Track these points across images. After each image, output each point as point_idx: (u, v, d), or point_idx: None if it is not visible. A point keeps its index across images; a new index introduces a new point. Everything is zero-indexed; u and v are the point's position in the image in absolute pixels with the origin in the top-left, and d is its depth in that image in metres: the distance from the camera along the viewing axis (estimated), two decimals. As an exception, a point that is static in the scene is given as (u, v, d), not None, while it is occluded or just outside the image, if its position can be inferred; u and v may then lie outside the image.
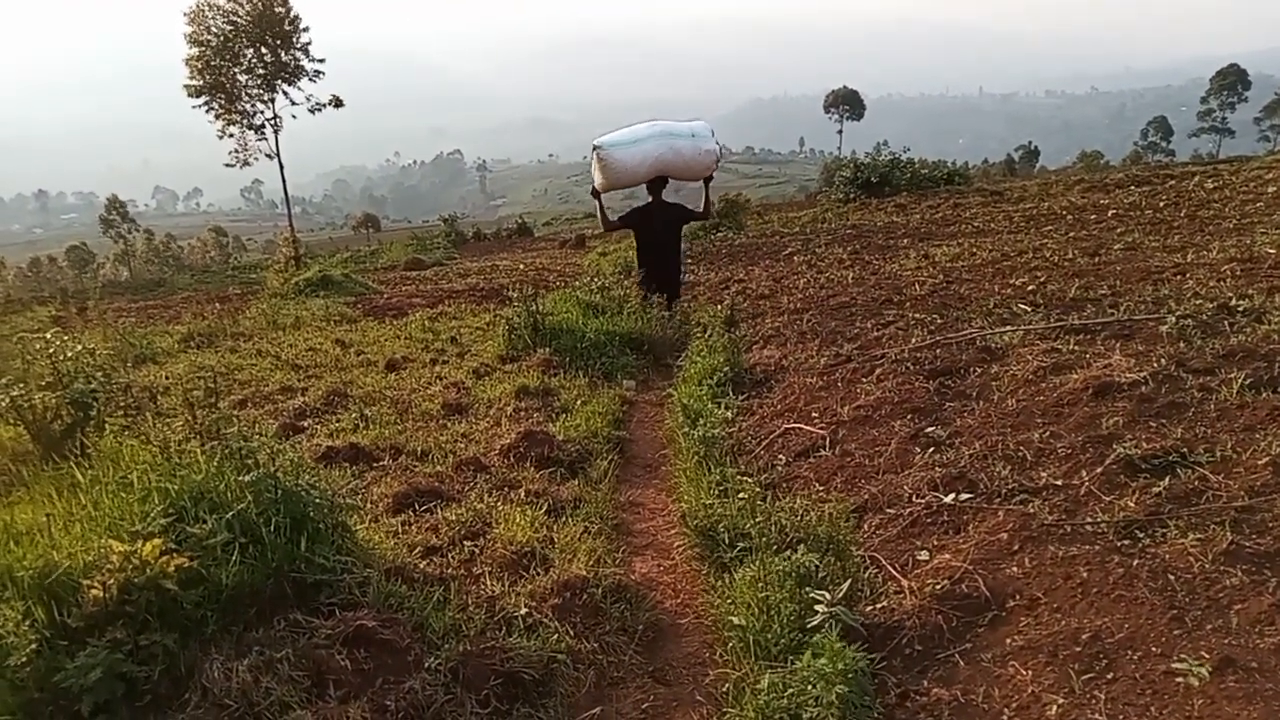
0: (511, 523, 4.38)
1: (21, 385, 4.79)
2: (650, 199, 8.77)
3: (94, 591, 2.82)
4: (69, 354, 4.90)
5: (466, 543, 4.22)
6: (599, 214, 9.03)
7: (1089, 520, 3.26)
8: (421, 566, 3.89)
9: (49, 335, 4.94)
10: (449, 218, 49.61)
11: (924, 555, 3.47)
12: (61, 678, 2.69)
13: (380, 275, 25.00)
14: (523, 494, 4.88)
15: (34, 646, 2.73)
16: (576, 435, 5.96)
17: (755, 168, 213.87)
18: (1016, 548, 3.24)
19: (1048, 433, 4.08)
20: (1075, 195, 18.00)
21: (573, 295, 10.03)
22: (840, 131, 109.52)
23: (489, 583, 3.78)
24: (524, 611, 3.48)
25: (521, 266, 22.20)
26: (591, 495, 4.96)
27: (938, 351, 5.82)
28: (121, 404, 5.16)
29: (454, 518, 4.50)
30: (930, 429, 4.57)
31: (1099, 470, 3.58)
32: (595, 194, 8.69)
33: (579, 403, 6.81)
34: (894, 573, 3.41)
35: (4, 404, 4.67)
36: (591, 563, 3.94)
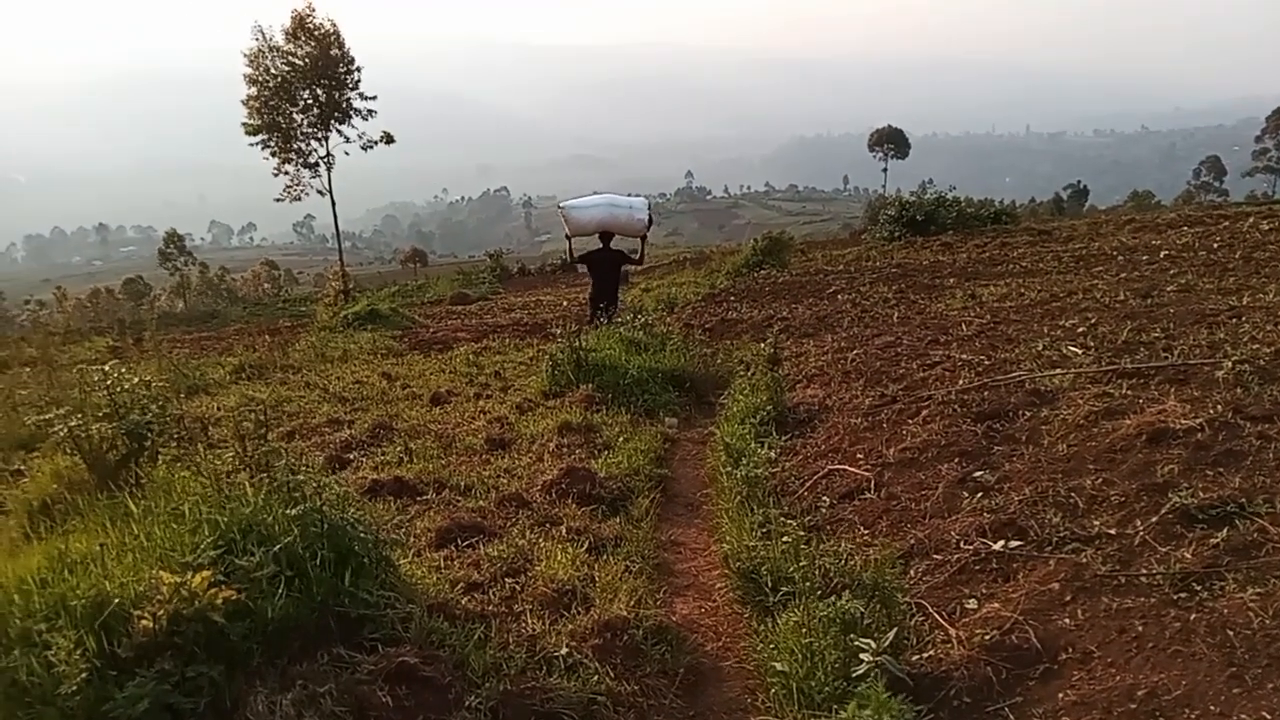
0: (553, 560, 4.38)
1: (79, 415, 4.91)
2: (601, 245, 11.67)
3: (144, 622, 2.86)
4: (126, 385, 5.01)
5: (508, 579, 4.22)
6: (569, 249, 12.22)
7: (1144, 572, 3.17)
8: (463, 603, 3.90)
9: (107, 367, 5.06)
10: (494, 253, 50.25)
11: (972, 604, 3.40)
12: (110, 708, 2.72)
13: (427, 309, 25.38)
14: (564, 531, 4.88)
15: (84, 676, 2.77)
16: (618, 472, 5.96)
17: (799, 205, 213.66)
18: (1069, 599, 3.16)
19: (1100, 479, 3.99)
20: (1126, 235, 17.71)
21: (615, 332, 10.08)
22: (885, 169, 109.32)
23: (530, 621, 3.77)
24: (564, 651, 3.47)
25: (564, 302, 22.36)
26: (633, 533, 4.95)
27: (985, 394, 5.73)
28: (174, 435, 5.26)
29: (496, 554, 4.52)
30: (978, 473, 4.50)
31: (1154, 520, 3.49)
32: (567, 236, 11.89)
33: (621, 439, 6.81)
34: (941, 621, 3.34)
35: (62, 434, 4.79)
36: (633, 603, 3.92)
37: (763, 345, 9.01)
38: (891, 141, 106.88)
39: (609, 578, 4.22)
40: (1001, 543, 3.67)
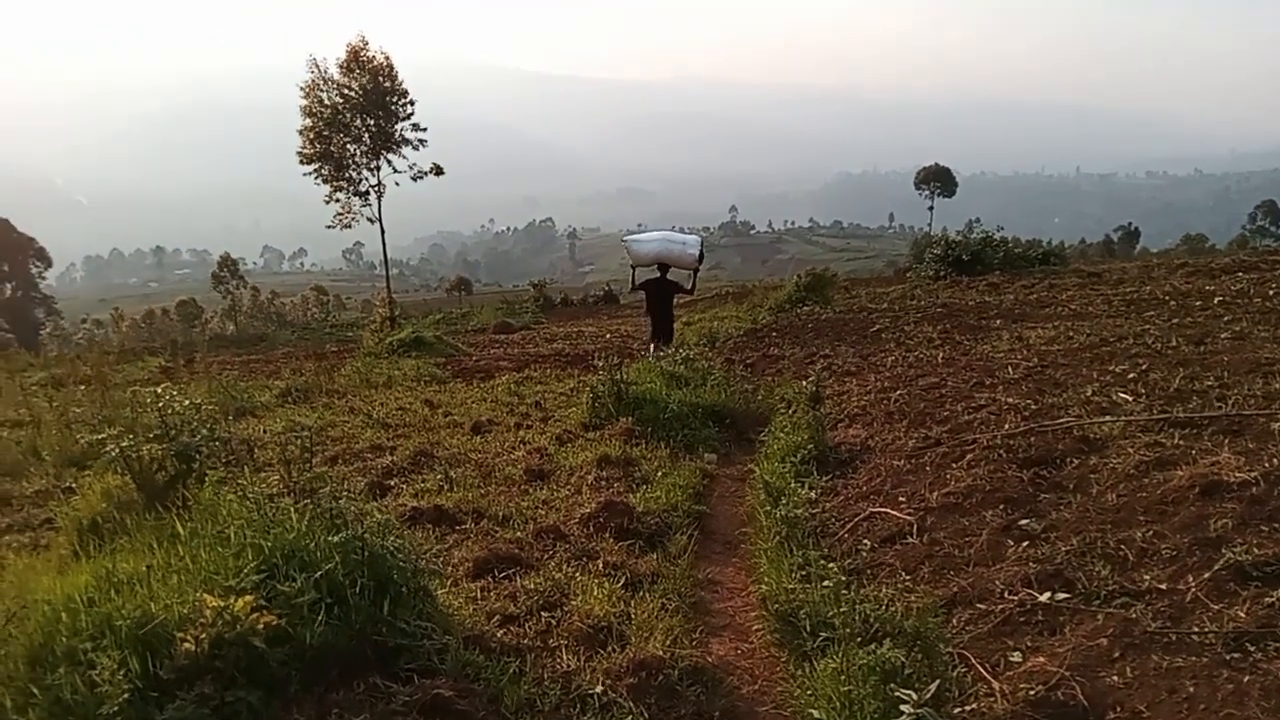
0: (589, 595, 4.36)
1: (130, 436, 5.02)
2: (659, 274, 12.77)
3: (186, 645, 2.90)
4: (177, 407, 5.11)
5: (544, 613, 4.22)
6: (631, 276, 13.41)
7: (1196, 630, 3.08)
8: (499, 635, 3.90)
9: (159, 389, 5.18)
10: (538, 283, 50.70)
11: (1017, 656, 3.32)
12: (150, 729, 2.76)
13: (470, 337, 25.62)
14: (601, 565, 4.87)
15: (126, 696, 2.82)
16: (656, 507, 5.93)
17: (843, 241, 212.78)
18: (1117, 655, 3.08)
19: (1150, 532, 3.89)
20: (1178, 280, 17.37)
21: (657, 365, 10.10)
22: (931, 208, 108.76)
23: (565, 657, 3.75)
24: (599, 690, 3.45)
25: (608, 335, 22.45)
26: (670, 571, 4.91)
27: (1032, 439, 5.63)
28: (221, 457, 5.36)
29: (532, 586, 4.52)
30: (1024, 521, 4.41)
31: (1206, 575, 3.39)
32: (631, 266, 13.08)
33: (660, 474, 6.79)
34: (984, 674, 3.26)
35: (114, 454, 4.90)
36: (669, 642, 3.89)
37: (805, 383, 8.95)
38: (938, 180, 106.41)
39: (645, 615, 4.19)
40: (1048, 594, 3.58)
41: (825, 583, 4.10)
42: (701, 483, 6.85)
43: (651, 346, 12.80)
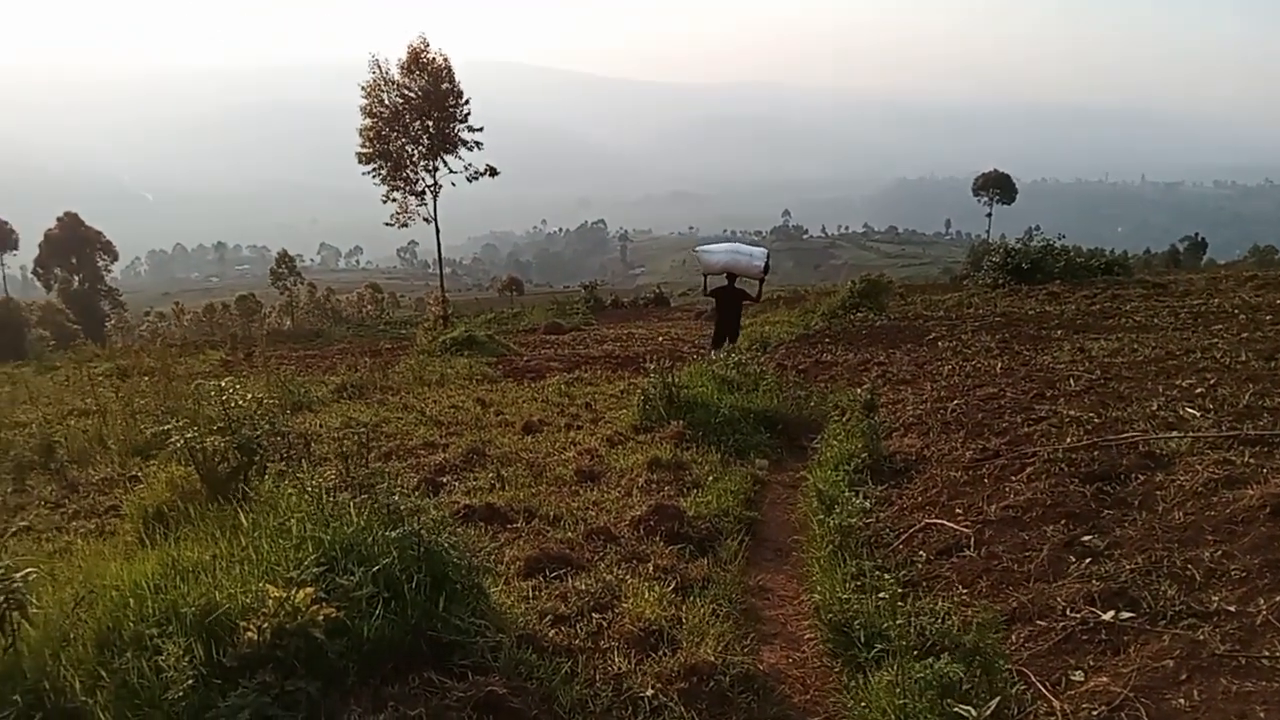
0: (640, 598, 4.36)
1: (194, 428, 5.15)
2: (726, 281, 13.61)
3: (249, 634, 2.96)
4: (240, 401, 5.23)
5: (595, 614, 4.23)
6: (704, 283, 14.56)
7: (1266, 654, 2.98)
8: (550, 635, 3.92)
9: (224, 383, 5.30)
10: (589, 284, 50.95)
11: (1079, 676, 3.25)
12: (213, 715, 2.82)
13: (521, 337, 25.82)
14: (651, 569, 4.87)
15: (190, 682, 2.88)
16: (707, 512, 5.91)
17: (898, 248, 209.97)
18: (1184, 677, 2.99)
19: (1219, 552, 3.78)
20: (1247, 292, 16.85)
21: (708, 369, 10.07)
22: (989, 214, 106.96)
23: (616, 659, 3.76)
24: (650, 693, 3.44)
25: (660, 338, 22.46)
26: (720, 576, 4.89)
27: (1095, 453, 5.50)
28: (280, 451, 5.47)
29: (583, 587, 4.53)
30: (1087, 537, 4.31)
31: (1278, 598, 3.28)
32: (703, 274, 14.16)
33: (710, 479, 6.77)
34: (1045, 692, 3.19)
35: (179, 445, 5.03)
36: (720, 648, 3.87)
37: (859, 390, 8.86)
38: (997, 186, 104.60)
39: (696, 620, 4.18)
40: (1111, 613, 3.50)
41: (880, 594, 4.05)
42: (753, 489, 6.82)
43: (714, 349, 13.31)
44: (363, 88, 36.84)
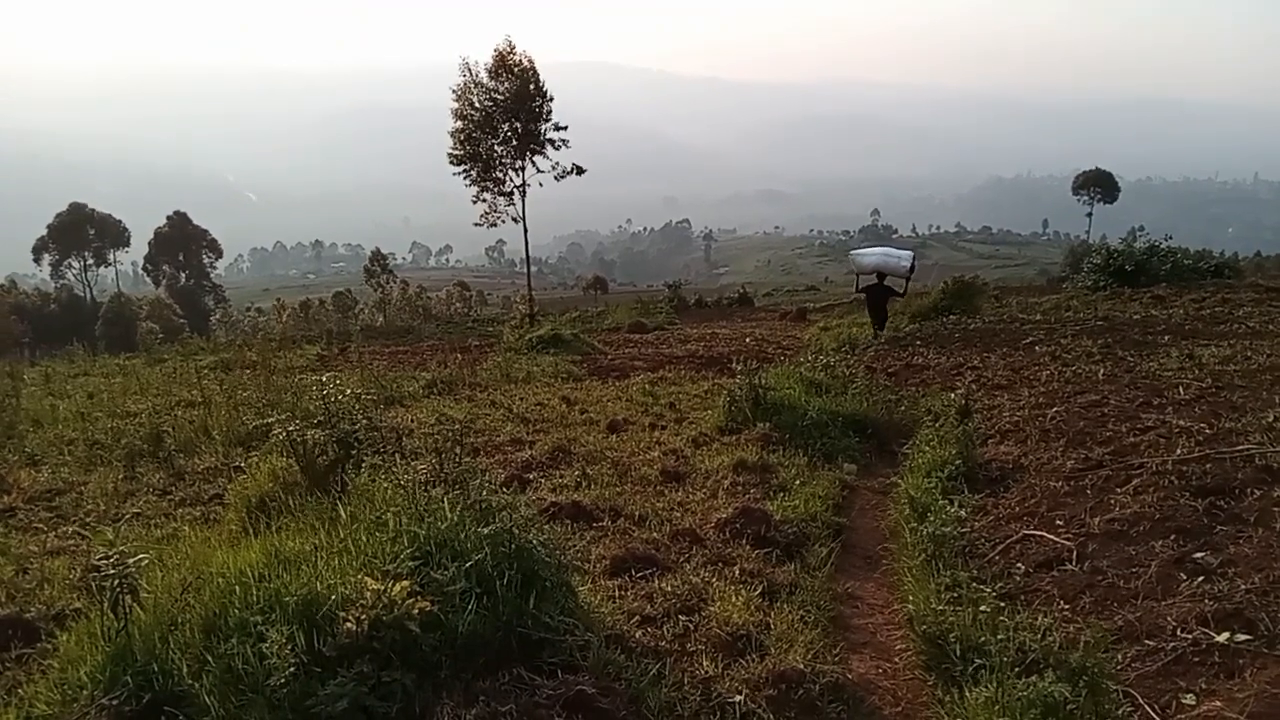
0: (726, 601, 4.33)
1: (294, 420, 5.32)
2: (876, 280, 16.38)
3: (348, 624, 3.04)
4: (341, 396, 5.38)
5: (681, 616, 4.21)
6: (856, 282, 17.39)
7: (1403, 686, 2.78)
8: (638, 636, 3.92)
9: (324, 378, 5.46)
10: (673, 283, 50.95)
11: (1190, 699, 3.09)
12: (313, 703, 2.90)
13: (605, 336, 25.95)
14: (737, 572, 4.83)
15: (291, 670, 2.97)
16: (794, 516, 5.83)
17: (992, 248, 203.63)
18: (1308, 708, 2.81)
19: (1347, 574, 3.55)
20: (1373, 297, 15.86)
21: (795, 371, 9.96)
22: (1089, 214, 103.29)
23: (704, 663, 3.73)
24: (739, 699, 3.41)
25: (748, 340, 22.31)
26: (808, 582, 4.82)
27: (1207, 466, 5.23)
28: (376, 445, 5.61)
29: (669, 589, 4.51)
30: (1198, 554, 4.10)
31: None
32: (855, 275, 16.79)
33: (798, 483, 6.67)
34: (1154, 715, 3.05)
35: (280, 437, 5.20)
36: (808, 655, 3.81)
37: (953, 395, 8.63)
38: (1099, 185, 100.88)
39: (784, 626, 4.12)
40: (1226, 634, 3.33)
41: (978, 606, 3.92)
42: (841, 494, 6.71)
43: (876, 332, 16.66)
44: (453, 90, 37.60)
